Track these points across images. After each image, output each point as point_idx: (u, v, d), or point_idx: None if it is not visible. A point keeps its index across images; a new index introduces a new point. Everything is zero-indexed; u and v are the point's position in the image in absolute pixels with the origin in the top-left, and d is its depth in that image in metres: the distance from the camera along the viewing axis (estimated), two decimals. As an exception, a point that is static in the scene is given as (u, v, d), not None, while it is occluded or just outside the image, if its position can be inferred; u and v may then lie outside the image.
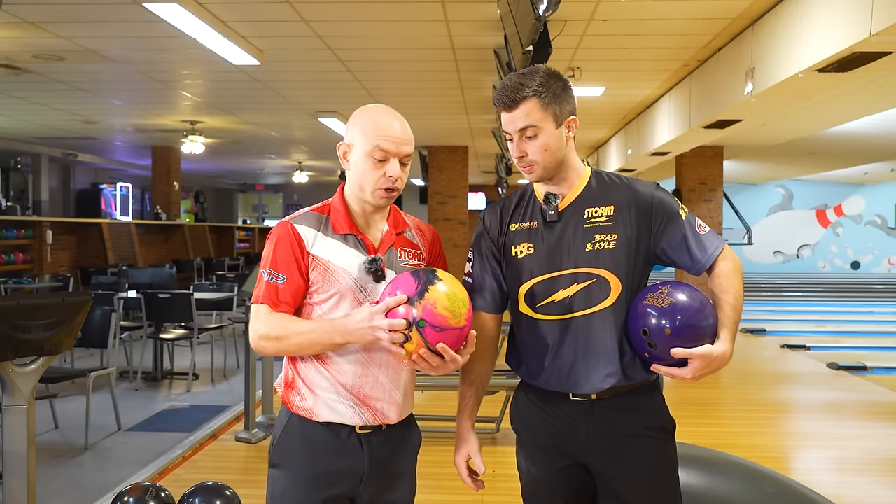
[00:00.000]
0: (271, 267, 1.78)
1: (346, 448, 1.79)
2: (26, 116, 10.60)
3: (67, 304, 2.97)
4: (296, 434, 1.80)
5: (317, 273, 1.78)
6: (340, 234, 1.81)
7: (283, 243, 1.79)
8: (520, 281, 1.87)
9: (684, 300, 1.73)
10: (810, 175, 19.26)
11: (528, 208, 1.91)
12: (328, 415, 1.78)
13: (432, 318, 1.61)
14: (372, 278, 1.79)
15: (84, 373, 5.10)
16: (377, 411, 1.80)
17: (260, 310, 1.77)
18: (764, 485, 2.47)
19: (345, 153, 1.84)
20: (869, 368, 7.28)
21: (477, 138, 12.68)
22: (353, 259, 1.80)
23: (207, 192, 22.94)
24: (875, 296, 15.05)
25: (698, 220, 1.87)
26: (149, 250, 13.42)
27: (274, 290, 1.77)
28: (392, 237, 1.86)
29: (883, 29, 4.00)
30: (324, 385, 1.79)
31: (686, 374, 1.72)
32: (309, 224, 1.81)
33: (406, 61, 7.22)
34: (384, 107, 1.85)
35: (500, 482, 3.81)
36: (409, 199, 23.96)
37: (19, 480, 2.85)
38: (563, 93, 1.80)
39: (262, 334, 1.76)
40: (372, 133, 1.78)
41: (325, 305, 1.78)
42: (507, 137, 1.85)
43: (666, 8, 5.53)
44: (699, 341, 1.71)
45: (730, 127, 7.61)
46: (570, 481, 1.86)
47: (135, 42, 6.51)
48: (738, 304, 1.79)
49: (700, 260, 1.83)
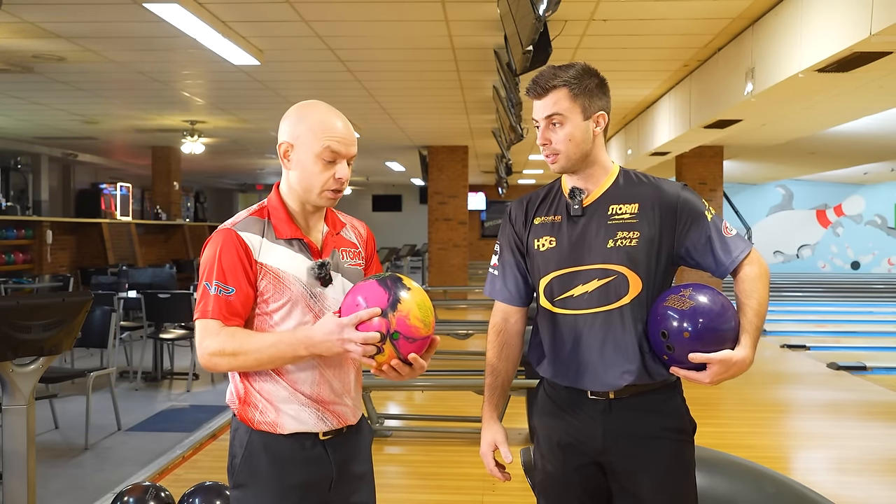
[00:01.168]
0: (218, 279, 1.68)
1: (312, 457, 1.75)
2: (26, 116, 10.60)
3: (67, 304, 2.97)
4: (259, 451, 1.73)
5: (266, 282, 1.71)
6: (285, 239, 1.75)
7: (229, 252, 1.70)
8: (540, 274, 1.88)
9: (705, 303, 1.71)
10: (810, 175, 19.25)
11: (553, 202, 1.91)
12: (293, 425, 1.73)
13: (406, 330, 1.57)
14: (319, 283, 1.75)
15: (84, 373, 5.10)
16: (339, 414, 1.78)
17: (208, 325, 1.67)
18: (764, 485, 2.47)
19: (286, 152, 1.75)
20: (869, 368, 7.28)
21: (477, 138, 12.68)
22: (300, 264, 1.74)
23: (207, 192, 22.93)
24: (875, 296, 15.05)
25: (725, 222, 1.86)
26: (149, 250, 13.42)
27: (223, 304, 1.67)
28: (332, 238, 1.82)
29: (883, 29, 4.00)
30: (283, 396, 1.73)
31: (704, 378, 1.71)
32: (252, 230, 1.73)
33: (406, 61, 7.21)
34: (326, 105, 1.79)
35: (500, 482, 3.80)
36: (409, 199, 23.96)
37: (19, 480, 2.85)
38: (596, 89, 1.82)
39: (214, 351, 1.66)
40: (321, 134, 1.72)
41: (278, 315, 1.72)
42: (535, 125, 1.86)
43: (666, 8, 5.53)
44: (720, 345, 1.70)
45: (730, 127, 7.61)
46: (585, 480, 1.85)
47: (135, 42, 6.51)
48: (762, 310, 1.77)
49: (724, 263, 1.82)
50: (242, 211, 1.81)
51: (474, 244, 21.14)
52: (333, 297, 1.76)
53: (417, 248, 18.51)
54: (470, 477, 4.05)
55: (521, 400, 4.57)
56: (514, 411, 4.41)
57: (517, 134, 7.72)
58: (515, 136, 7.91)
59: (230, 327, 1.67)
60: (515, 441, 1.89)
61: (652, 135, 9.64)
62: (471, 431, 4.71)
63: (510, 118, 7.07)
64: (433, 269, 13.89)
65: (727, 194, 15.44)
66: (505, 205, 2.39)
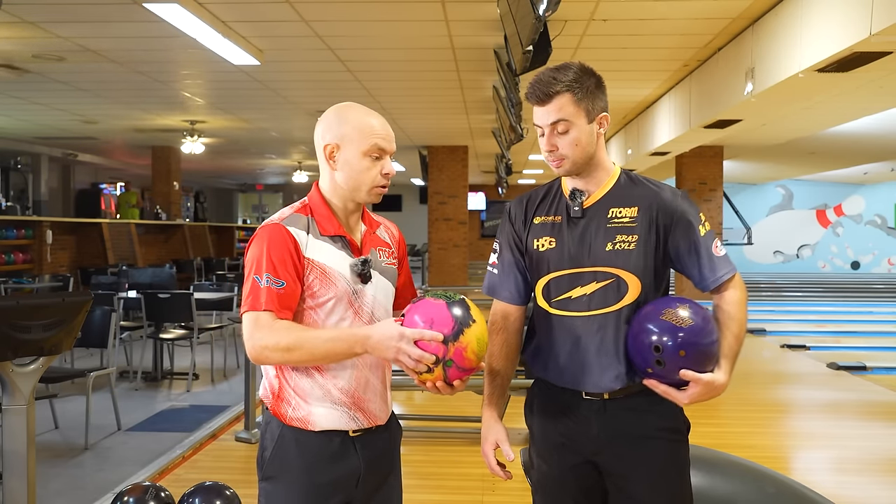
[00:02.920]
0: (269, 272, 1.69)
1: (341, 453, 1.77)
2: (26, 116, 10.61)
3: (67, 304, 2.97)
4: (291, 445, 1.77)
5: (314, 277, 1.74)
6: (329, 236, 1.77)
7: (278, 246, 1.71)
8: (539, 274, 1.88)
9: (702, 324, 1.72)
10: (810, 175, 19.26)
11: (553, 202, 1.91)
12: (324, 423, 1.76)
13: (460, 361, 1.62)
14: (360, 280, 1.77)
15: (84, 373, 5.10)
16: (370, 413, 1.80)
17: (260, 317, 1.67)
18: (764, 485, 2.47)
19: (332, 153, 1.78)
20: (869, 368, 7.27)
21: (477, 138, 12.68)
22: (343, 261, 1.77)
23: (207, 192, 22.94)
24: (875, 296, 15.04)
25: (717, 240, 1.87)
26: (149, 250, 13.41)
27: (275, 296, 1.68)
28: (371, 237, 1.86)
29: (883, 29, 4.01)
30: (316, 394, 1.76)
31: (683, 398, 1.73)
32: (299, 226, 1.76)
33: (406, 61, 7.22)
34: (362, 106, 1.84)
35: (500, 482, 3.80)
36: (409, 199, 23.97)
37: (19, 480, 2.85)
38: (595, 89, 1.81)
39: (268, 345, 1.66)
40: (368, 132, 1.77)
41: (322, 310, 1.75)
42: (538, 131, 1.85)
43: (666, 8, 5.53)
44: (706, 367, 1.72)
45: (730, 127, 7.62)
46: (581, 480, 1.86)
47: (135, 42, 6.51)
48: (742, 336, 1.80)
49: (708, 279, 1.83)
50: (285, 208, 1.82)
51: (474, 244, 21.16)
52: (372, 294, 1.80)
53: (417, 248, 18.52)
54: (470, 477, 4.05)
55: (521, 399, 4.55)
56: (514, 411, 4.41)
57: (517, 134, 7.73)
58: (515, 136, 7.92)
59: (284, 321, 1.68)
60: (516, 441, 1.89)
61: (652, 135, 9.64)
62: (471, 431, 4.71)
63: (510, 118, 7.07)
64: (433, 268, 13.89)
65: (727, 194, 15.46)
66: (505, 205, 2.43)
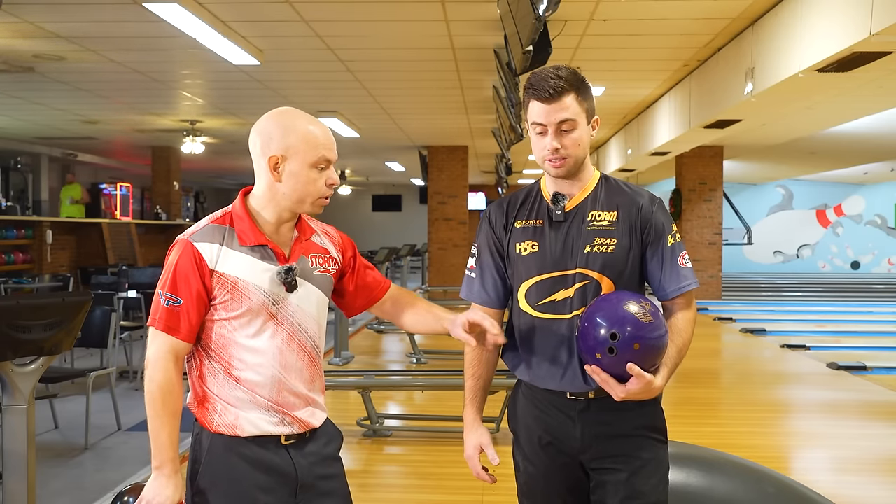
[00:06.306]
0: (169, 290, 1.70)
1: (275, 461, 1.73)
2: (26, 116, 10.61)
3: (67, 304, 2.97)
4: (221, 454, 1.71)
5: (225, 291, 1.71)
6: (248, 247, 1.73)
7: (182, 264, 1.70)
8: (521, 278, 1.89)
9: (660, 325, 1.75)
10: (810, 175, 19.26)
11: (534, 206, 1.92)
12: (252, 429, 1.71)
13: None
14: (285, 288, 1.73)
15: (84, 373, 5.10)
16: (300, 419, 1.76)
17: (157, 337, 1.70)
18: (764, 485, 2.47)
19: (276, 165, 1.72)
20: (869, 368, 7.26)
21: (477, 138, 12.68)
22: (262, 272, 1.72)
23: (207, 192, 22.95)
24: (875, 296, 15.03)
25: (685, 253, 1.90)
26: (149, 250, 13.42)
27: (171, 315, 1.69)
28: (302, 244, 1.80)
29: (883, 29, 4.01)
30: (243, 398, 1.72)
31: (620, 391, 1.72)
32: (210, 240, 1.72)
33: (406, 61, 7.22)
34: (303, 112, 1.78)
35: (500, 482, 3.80)
36: (409, 199, 23.96)
37: (19, 480, 2.85)
38: (589, 92, 1.85)
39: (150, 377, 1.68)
40: (314, 143, 1.72)
41: (237, 322, 1.72)
42: (536, 130, 1.84)
43: (666, 8, 5.53)
44: (650, 366, 1.74)
45: (730, 127, 7.62)
46: (567, 479, 1.88)
47: (135, 42, 6.51)
48: (684, 351, 1.85)
49: (665, 288, 1.87)
50: (204, 218, 1.80)
51: (474, 244, 21.12)
52: (297, 303, 1.76)
53: (417, 247, 18.51)
54: (470, 477, 4.03)
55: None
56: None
57: (517, 134, 7.73)
58: (515, 135, 7.91)
59: (175, 388, 1.69)
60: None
61: (652, 135, 9.64)
62: (471, 431, 4.71)
63: (510, 118, 7.07)
64: (433, 268, 13.89)
65: (727, 194, 15.45)
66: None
